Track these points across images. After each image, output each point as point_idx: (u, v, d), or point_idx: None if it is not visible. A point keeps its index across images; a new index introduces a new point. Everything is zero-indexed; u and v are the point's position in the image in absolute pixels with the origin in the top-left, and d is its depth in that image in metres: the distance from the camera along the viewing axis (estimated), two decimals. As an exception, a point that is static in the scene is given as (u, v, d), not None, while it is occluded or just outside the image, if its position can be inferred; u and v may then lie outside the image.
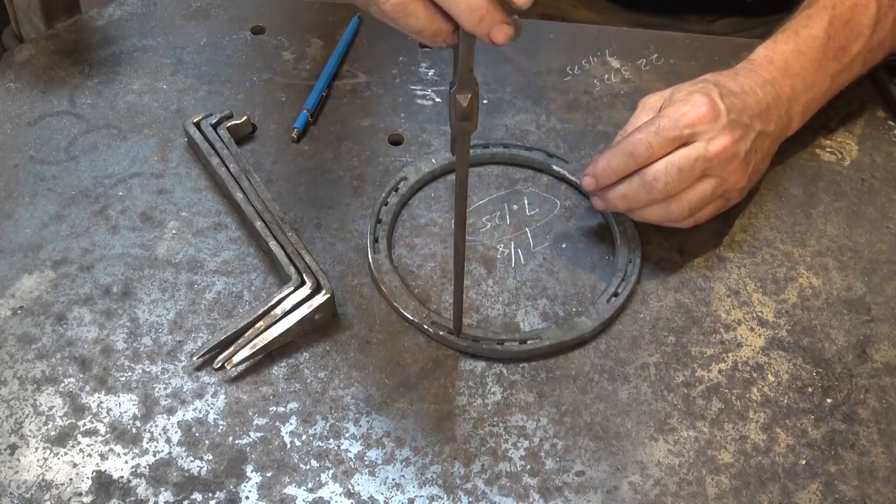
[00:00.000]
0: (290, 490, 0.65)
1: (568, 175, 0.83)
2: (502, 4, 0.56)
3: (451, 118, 0.61)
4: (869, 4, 0.80)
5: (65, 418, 0.67)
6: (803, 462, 0.67)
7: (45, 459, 0.65)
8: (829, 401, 0.70)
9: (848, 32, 0.80)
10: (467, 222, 0.80)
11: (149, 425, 0.67)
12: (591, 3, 1.11)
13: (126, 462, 0.65)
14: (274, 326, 0.71)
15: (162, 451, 0.66)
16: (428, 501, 0.65)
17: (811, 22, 0.80)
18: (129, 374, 0.70)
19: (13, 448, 0.66)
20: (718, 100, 0.72)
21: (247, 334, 0.71)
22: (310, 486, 0.65)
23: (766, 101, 0.76)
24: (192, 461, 0.66)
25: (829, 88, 0.82)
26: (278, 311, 0.71)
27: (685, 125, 0.71)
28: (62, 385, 0.69)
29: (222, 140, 0.82)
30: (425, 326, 0.72)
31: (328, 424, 0.68)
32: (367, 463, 0.66)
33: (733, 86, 0.75)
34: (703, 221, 0.76)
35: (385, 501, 0.64)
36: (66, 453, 0.66)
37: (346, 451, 0.67)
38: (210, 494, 0.64)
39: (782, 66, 0.79)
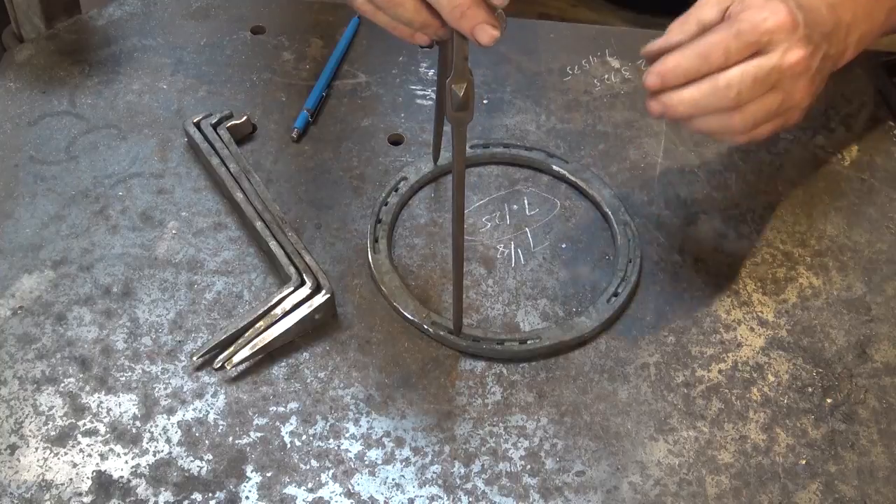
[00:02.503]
0: (290, 490, 0.65)
1: (568, 175, 0.83)
2: (487, 4, 0.55)
3: (447, 109, 0.61)
4: None
5: (65, 418, 0.67)
6: (803, 462, 0.67)
7: (45, 459, 0.65)
8: (829, 401, 0.70)
9: None
10: (467, 222, 0.80)
11: (149, 425, 0.67)
12: (588, 2, 1.11)
13: (126, 462, 0.65)
14: (274, 326, 0.71)
15: (162, 451, 0.66)
16: (428, 501, 0.65)
17: None
18: (129, 374, 0.70)
19: (13, 448, 0.66)
20: (796, 10, 0.68)
21: (247, 334, 0.71)
22: (310, 486, 0.65)
23: (832, 22, 0.73)
24: (192, 461, 0.66)
25: (883, 23, 0.78)
26: (278, 311, 0.71)
27: (764, 31, 0.66)
28: (62, 385, 0.69)
29: (222, 140, 0.82)
30: (425, 326, 0.72)
31: (328, 424, 0.68)
32: (367, 463, 0.66)
33: (805, 0, 0.71)
34: (758, 139, 0.72)
35: (385, 501, 0.64)
36: (66, 453, 0.66)
37: (346, 451, 0.67)
38: (210, 494, 0.64)
39: None
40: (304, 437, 0.67)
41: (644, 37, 0.97)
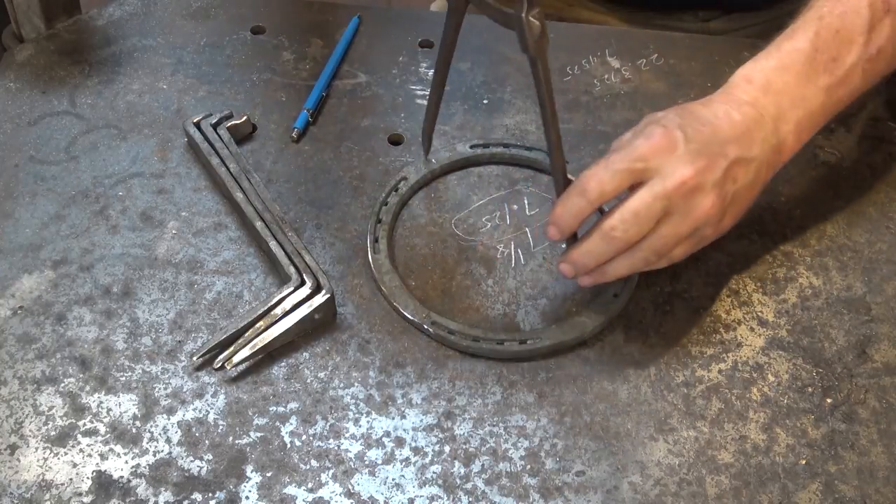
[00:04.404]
0: (290, 490, 0.65)
1: (568, 175, 0.83)
2: None
3: (528, 46, 0.62)
4: (861, 11, 0.74)
5: (65, 418, 0.67)
6: (803, 462, 0.67)
7: (45, 459, 0.65)
8: (829, 401, 0.70)
9: (839, 42, 0.74)
10: (467, 222, 0.80)
11: (149, 425, 0.67)
12: (585, 0, 1.11)
13: (126, 462, 0.65)
14: (274, 326, 0.71)
15: (162, 451, 0.66)
16: (428, 501, 0.65)
17: (795, 35, 0.74)
18: (129, 374, 0.70)
19: (13, 448, 0.66)
20: (676, 129, 0.66)
21: (247, 334, 0.71)
22: (310, 486, 0.65)
23: (745, 124, 0.69)
24: (192, 461, 0.66)
25: (824, 103, 0.74)
26: (278, 311, 0.71)
27: (636, 158, 0.65)
28: (62, 385, 0.69)
29: (222, 140, 0.82)
30: (425, 326, 0.72)
31: (328, 424, 0.68)
32: (367, 463, 0.66)
33: (703, 112, 0.69)
34: (678, 261, 0.70)
35: (385, 501, 0.64)
36: (66, 453, 0.66)
37: (346, 451, 0.67)
38: (210, 494, 0.64)
39: (762, 84, 0.72)
40: (304, 437, 0.67)
41: (644, 36, 0.97)
